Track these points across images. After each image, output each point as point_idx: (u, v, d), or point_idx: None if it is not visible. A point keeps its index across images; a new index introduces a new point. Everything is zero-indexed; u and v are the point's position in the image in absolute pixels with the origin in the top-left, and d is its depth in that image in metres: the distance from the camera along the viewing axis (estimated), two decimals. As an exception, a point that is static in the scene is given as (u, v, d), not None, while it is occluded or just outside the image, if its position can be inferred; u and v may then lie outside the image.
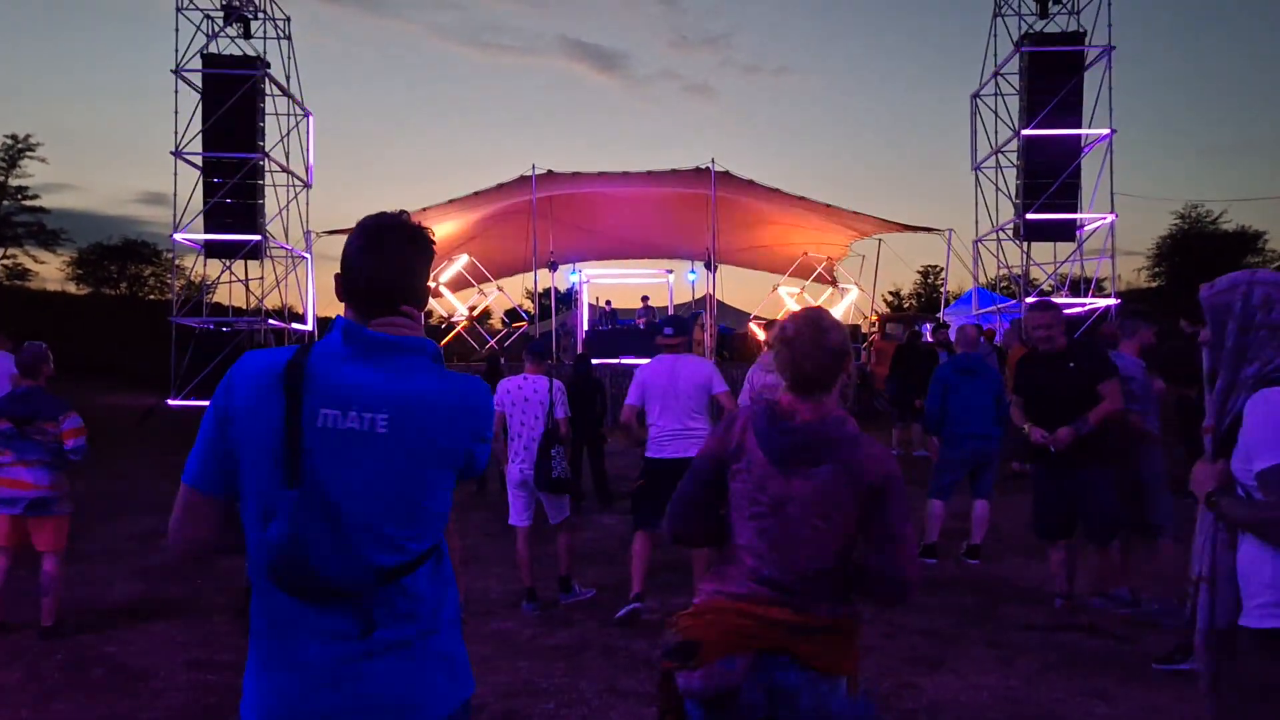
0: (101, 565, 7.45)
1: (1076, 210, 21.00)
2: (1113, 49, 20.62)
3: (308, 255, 23.98)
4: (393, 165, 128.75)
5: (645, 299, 23.66)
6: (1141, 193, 78.26)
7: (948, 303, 26.52)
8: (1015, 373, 6.27)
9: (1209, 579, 2.43)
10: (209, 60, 22.23)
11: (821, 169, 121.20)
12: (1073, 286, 22.09)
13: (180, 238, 22.39)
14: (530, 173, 20.44)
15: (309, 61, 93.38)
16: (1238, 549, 2.37)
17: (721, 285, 23.01)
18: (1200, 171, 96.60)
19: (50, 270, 61.89)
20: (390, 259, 1.95)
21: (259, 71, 22.22)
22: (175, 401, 20.57)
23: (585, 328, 23.24)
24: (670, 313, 22.69)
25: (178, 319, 22.23)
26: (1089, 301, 21.33)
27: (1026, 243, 21.59)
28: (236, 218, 22.05)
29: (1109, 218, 21.05)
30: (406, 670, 1.83)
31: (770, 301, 25.68)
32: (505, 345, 23.92)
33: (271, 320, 23.33)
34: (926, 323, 20.47)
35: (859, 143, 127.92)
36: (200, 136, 21.84)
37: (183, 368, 21.32)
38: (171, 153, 21.79)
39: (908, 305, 54.71)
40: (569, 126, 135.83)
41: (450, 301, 25.86)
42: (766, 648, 2.30)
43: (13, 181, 43.39)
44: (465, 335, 25.50)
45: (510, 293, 27.53)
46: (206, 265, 23.36)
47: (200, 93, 22.00)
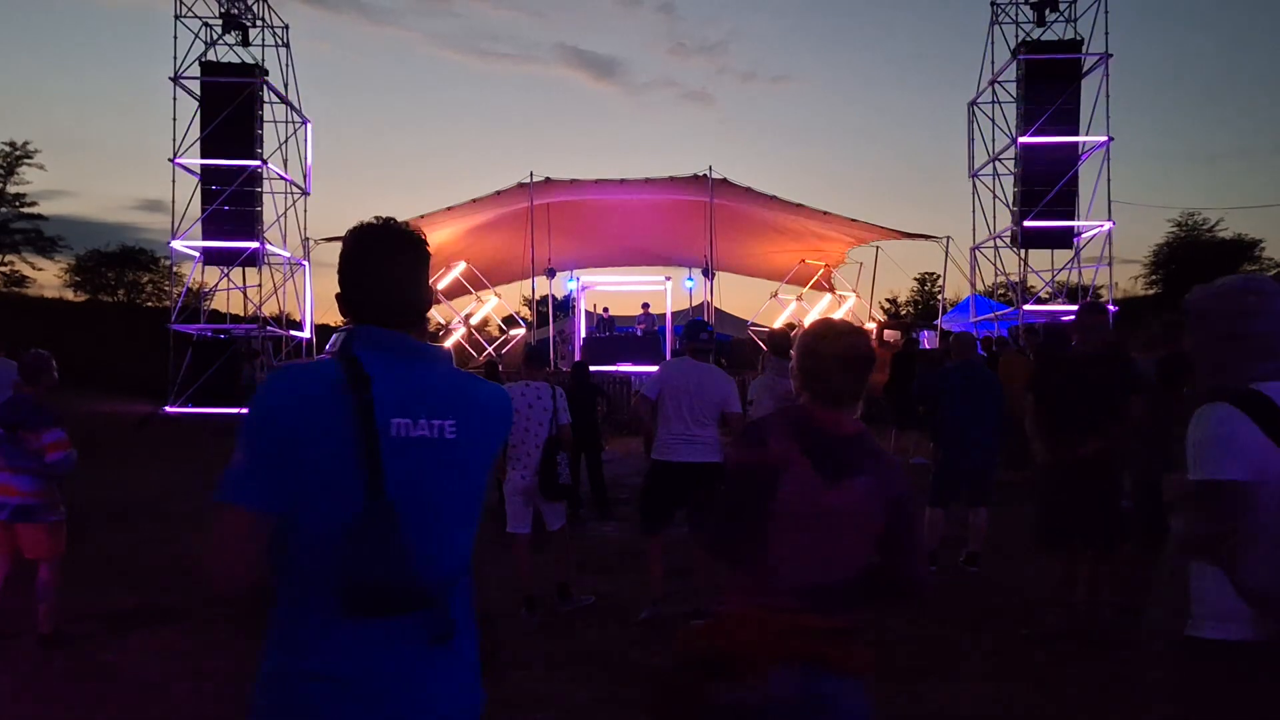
0: (99, 572, 7.42)
1: (1074, 218, 21.04)
2: (1110, 57, 20.68)
3: (305, 263, 23.99)
4: (391, 172, 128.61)
5: (645, 306, 23.66)
6: (1138, 200, 78.41)
7: (945, 310, 26.54)
8: (1034, 375, 6.23)
9: (1168, 588, 2.40)
10: (207, 68, 22.25)
11: (819, 176, 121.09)
12: (1070, 294, 22.14)
13: (178, 245, 22.39)
14: (528, 180, 20.46)
15: (307, 69, 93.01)
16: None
17: (719, 292, 23.06)
18: (1197, 179, 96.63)
19: (48, 277, 61.95)
20: (405, 271, 1.93)
21: (257, 79, 22.23)
22: (172, 409, 20.54)
23: (583, 335, 23.25)
24: (669, 320, 22.71)
25: (176, 326, 22.22)
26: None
27: (1024, 250, 21.64)
28: (234, 225, 22.02)
29: (1106, 225, 21.08)
30: (450, 675, 1.85)
31: (768, 309, 25.69)
32: (502, 353, 23.91)
33: (270, 327, 23.32)
34: (924, 330, 20.48)
35: (856, 150, 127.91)
36: (198, 144, 21.85)
37: (180, 375, 21.31)
38: (170, 160, 21.81)
39: (905, 312, 54.66)
40: (567, 133, 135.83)
41: (448, 308, 25.86)
42: (807, 656, 2.30)
43: (10, 188, 43.31)
44: (463, 343, 25.49)
45: (507, 300, 27.59)
46: (204, 272, 23.38)
47: (198, 100, 22.01)
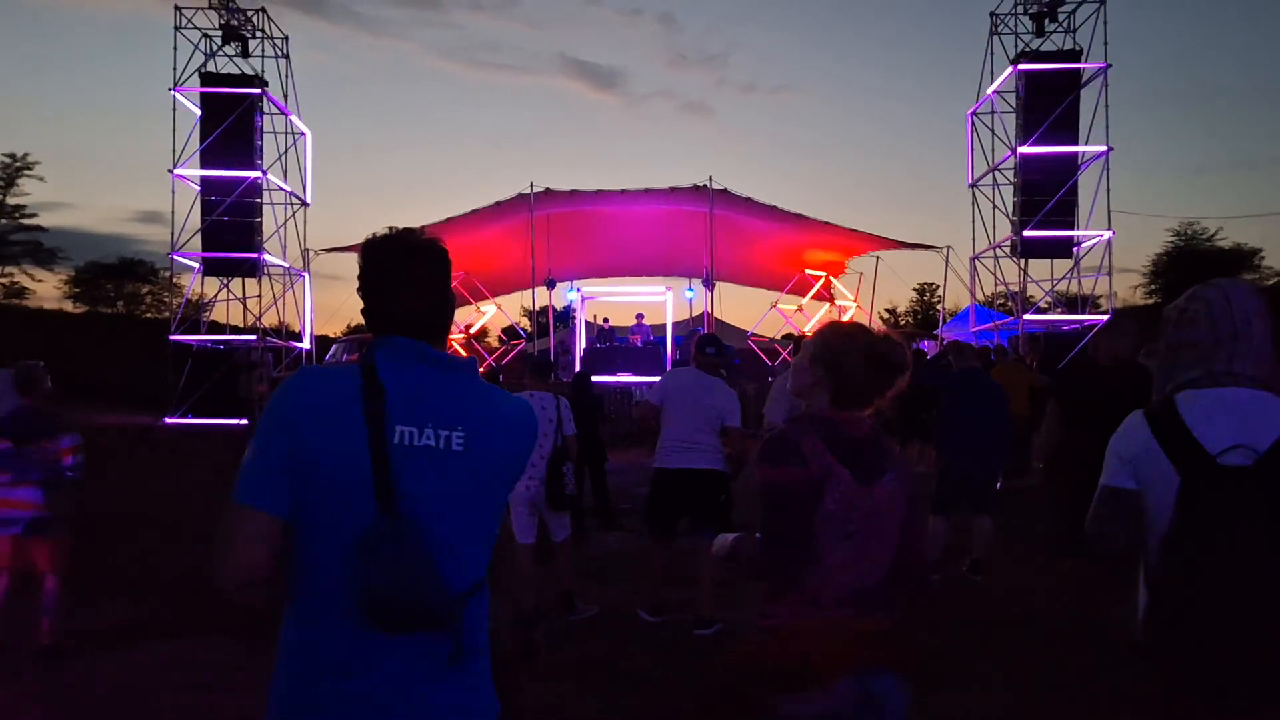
0: (101, 585, 7.38)
1: (1073, 227, 21.09)
2: (1109, 67, 20.74)
3: (305, 273, 23.99)
4: (390, 183, 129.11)
5: (640, 316, 23.66)
6: (1138, 210, 78.55)
7: (945, 320, 26.56)
8: (1061, 380, 6.21)
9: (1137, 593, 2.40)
10: (207, 79, 22.32)
11: (819, 186, 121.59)
12: (1069, 303, 22.15)
13: (178, 256, 22.40)
14: (528, 190, 20.48)
15: (307, 80, 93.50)
16: None
17: (719, 303, 23.04)
18: (1196, 189, 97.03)
19: (47, 289, 62.13)
20: (423, 281, 1.89)
21: (257, 90, 22.29)
22: (172, 420, 20.52)
23: (583, 345, 23.23)
24: (669, 330, 22.70)
25: (175, 337, 22.20)
26: (1085, 318, 21.37)
27: (1023, 260, 21.66)
28: (234, 236, 22.07)
29: (1105, 235, 21.12)
30: (463, 691, 1.81)
31: (768, 319, 25.70)
32: (503, 363, 23.88)
33: (269, 339, 23.30)
34: (925, 340, 20.48)
35: (856, 160, 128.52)
36: (198, 155, 21.90)
37: (180, 386, 21.29)
38: (169, 171, 21.82)
39: (904, 323, 54.75)
40: (567, 145, 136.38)
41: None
42: (869, 661, 2.32)
43: (10, 200, 43.51)
44: (463, 352, 25.47)
45: (508, 310, 27.56)
46: (204, 284, 23.38)
47: (198, 111, 22.07)
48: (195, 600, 6.88)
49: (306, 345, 23.74)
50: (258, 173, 22.13)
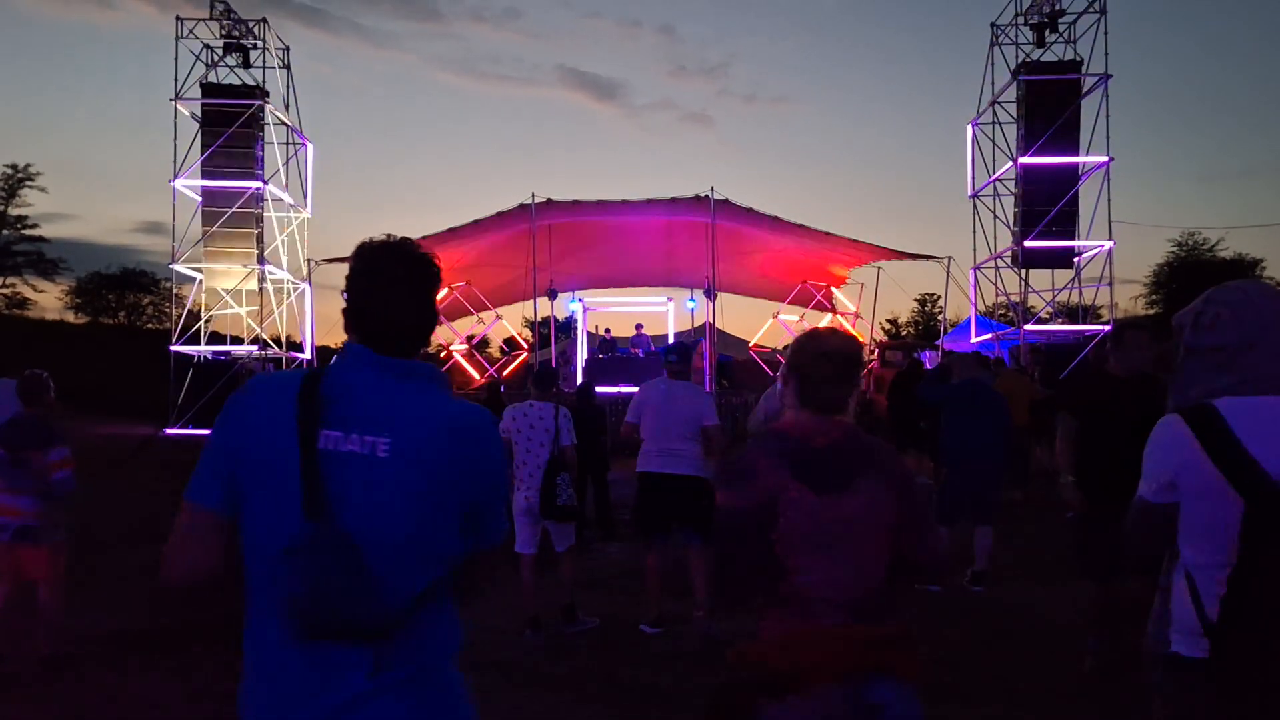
0: (100, 594, 7.37)
1: (1074, 238, 21.06)
2: (1110, 77, 20.74)
3: (306, 284, 24.00)
4: (391, 194, 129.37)
5: (639, 327, 23.66)
6: (1139, 220, 78.82)
7: (946, 330, 26.54)
8: (1071, 392, 6.10)
9: (1159, 606, 2.36)
10: (208, 90, 22.38)
11: (820, 197, 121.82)
12: (1070, 314, 22.15)
13: (179, 267, 22.42)
14: (530, 201, 20.48)
15: (308, 91, 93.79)
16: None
17: (721, 313, 23.05)
18: (1198, 199, 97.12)
19: (49, 299, 61.86)
20: (399, 290, 1.86)
21: (258, 101, 22.34)
22: (173, 430, 20.50)
23: (584, 356, 23.23)
24: (670, 340, 22.70)
25: (176, 348, 22.21)
26: (1086, 328, 21.36)
27: (1024, 270, 21.64)
28: (235, 246, 22.07)
29: (1107, 245, 21.11)
30: (410, 708, 1.75)
31: (770, 330, 25.69)
32: (504, 374, 23.87)
33: (270, 349, 23.30)
34: (926, 350, 20.48)
35: (857, 171, 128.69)
36: (199, 166, 21.94)
37: (180, 397, 21.27)
38: (170, 182, 21.86)
39: (905, 333, 54.75)
40: (568, 155, 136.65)
41: (448, 329, 25.83)
42: (860, 668, 2.30)
43: (12, 211, 43.68)
44: (465, 363, 25.47)
45: (509, 321, 27.55)
46: (205, 294, 23.39)
47: (199, 122, 22.13)
48: (196, 611, 6.87)
49: (308, 356, 23.72)
50: (259, 183, 22.17)
